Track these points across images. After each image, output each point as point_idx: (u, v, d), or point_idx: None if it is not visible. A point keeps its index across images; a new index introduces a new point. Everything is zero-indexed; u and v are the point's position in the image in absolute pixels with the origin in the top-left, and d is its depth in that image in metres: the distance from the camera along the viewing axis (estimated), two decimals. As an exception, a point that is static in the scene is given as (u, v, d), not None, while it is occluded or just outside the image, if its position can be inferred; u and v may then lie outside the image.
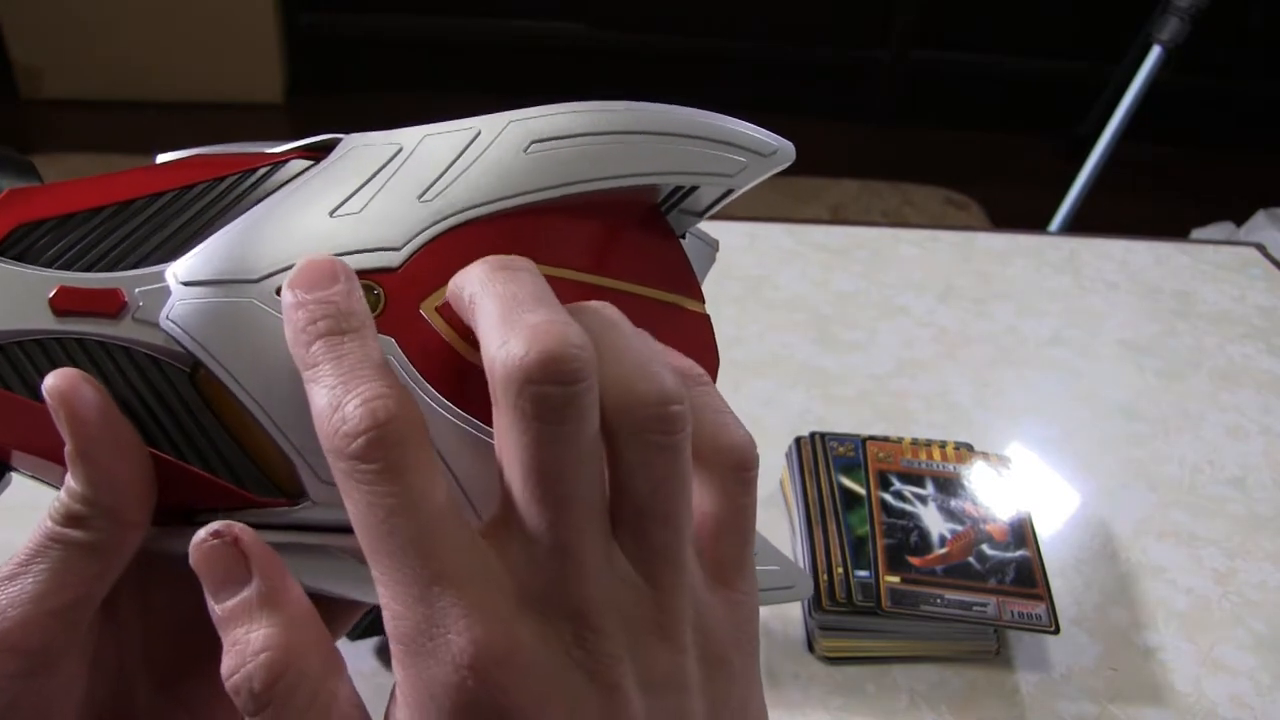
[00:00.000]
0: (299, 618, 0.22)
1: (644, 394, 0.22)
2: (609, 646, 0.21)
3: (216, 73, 2.51)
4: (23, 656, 0.24)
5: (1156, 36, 1.49)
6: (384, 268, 0.25)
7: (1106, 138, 1.51)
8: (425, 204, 0.26)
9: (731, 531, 0.24)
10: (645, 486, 0.22)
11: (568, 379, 0.20)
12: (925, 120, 2.69)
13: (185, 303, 0.24)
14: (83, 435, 0.24)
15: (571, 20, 2.61)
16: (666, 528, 0.22)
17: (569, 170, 0.26)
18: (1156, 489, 0.66)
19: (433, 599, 0.20)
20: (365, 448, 0.21)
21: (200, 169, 0.27)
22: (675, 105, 0.28)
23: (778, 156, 0.28)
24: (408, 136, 0.27)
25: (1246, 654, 0.55)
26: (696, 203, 0.29)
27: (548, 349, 0.20)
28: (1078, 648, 0.54)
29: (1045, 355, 0.77)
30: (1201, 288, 0.87)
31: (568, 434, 0.21)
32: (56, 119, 2.48)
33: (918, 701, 0.51)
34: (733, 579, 0.24)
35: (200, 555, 0.22)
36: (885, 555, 0.54)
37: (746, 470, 0.24)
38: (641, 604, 0.22)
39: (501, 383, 0.21)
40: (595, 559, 0.21)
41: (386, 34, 2.64)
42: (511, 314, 0.22)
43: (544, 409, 0.20)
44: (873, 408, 0.71)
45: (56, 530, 0.24)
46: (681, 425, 0.22)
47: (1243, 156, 2.58)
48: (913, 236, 0.91)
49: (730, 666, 0.23)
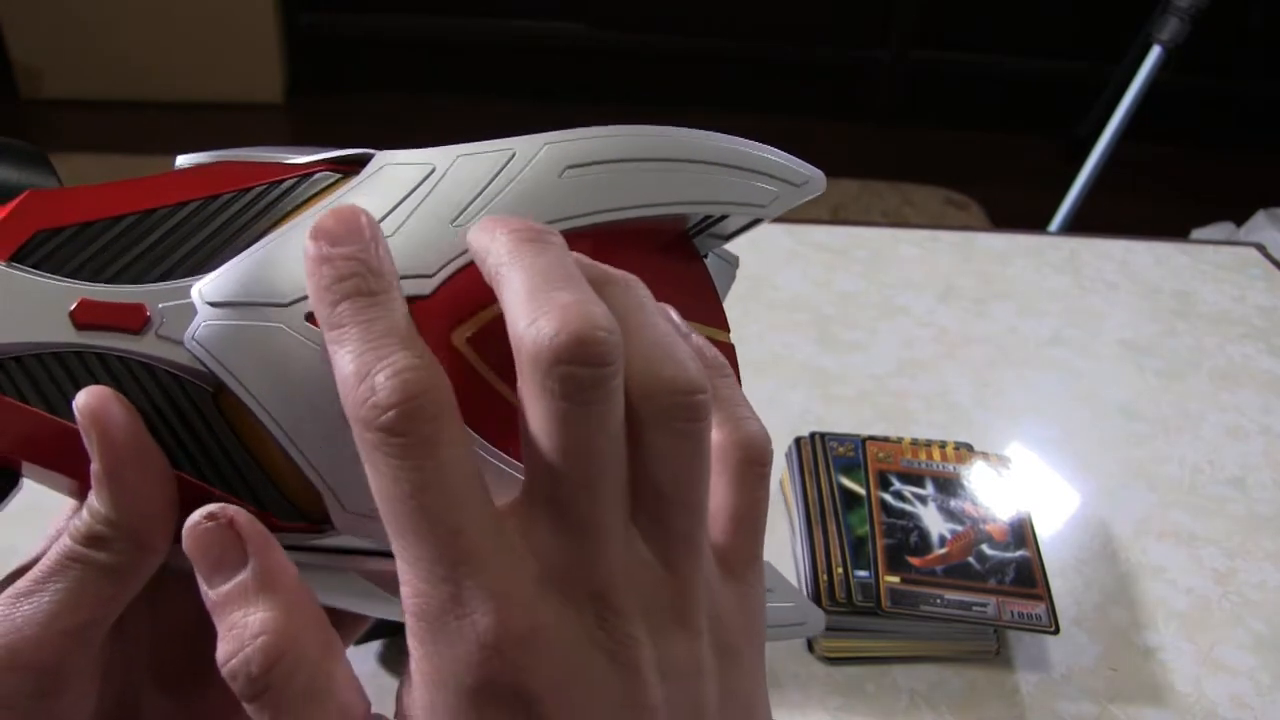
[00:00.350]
0: (296, 600, 0.22)
1: (669, 380, 0.21)
2: (630, 629, 0.21)
3: (216, 73, 2.51)
4: (36, 675, 0.24)
5: (1156, 36, 1.49)
6: (416, 295, 0.24)
7: (1106, 138, 1.51)
8: (458, 229, 0.25)
9: (744, 524, 0.24)
10: (667, 472, 0.22)
11: (597, 361, 0.20)
12: (925, 120, 2.69)
13: (211, 324, 0.24)
14: (111, 456, 0.23)
15: (571, 20, 2.61)
16: (686, 514, 0.22)
17: (604, 198, 0.26)
18: (1156, 489, 0.66)
19: (458, 578, 0.20)
20: (395, 421, 0.20)
21: (225, 178, 0.26)
22: (710, 131, 0.28)
23: (809, 186, 0.28)
24: (441, 157, 0.26)
25: (1246, 654, 0.55)
26: (724, 228, 0.29)
27: (578, 331, 0.20)
28: (1078, 648, 0.54)
29: (1045, 355, 0.77)
30: (1201, 288, 0.87)
31: (595, 415, 0.20)
32: (56, 119, 2.48)
33: (918, 701, 0.51)
34: (743, 571, 0.24)
35: (194, 538, 0.22)
36: (885, 555, 0.54)
37: (762, 465, 0.24)
38: (661, 588, 0.22)
39: (530, 361, 0.21)
40: (618, 540, 0.21)
41: (386, 34, 2.64)
42: (541, 291, 0.21)
43: (572, 389, 0.20)
44: (873, 408, 0.71)
45: (77, 550, 0.24)
46: (705, 413, 0.22)
47: (1243, 156, 2.58)
48: (913, 236, 0.91)
49: (741, 657, 0.23)
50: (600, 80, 2.62)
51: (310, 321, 0.24)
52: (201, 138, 2.50)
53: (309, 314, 0.24)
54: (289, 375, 0.23)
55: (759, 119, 2.56)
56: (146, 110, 2.49)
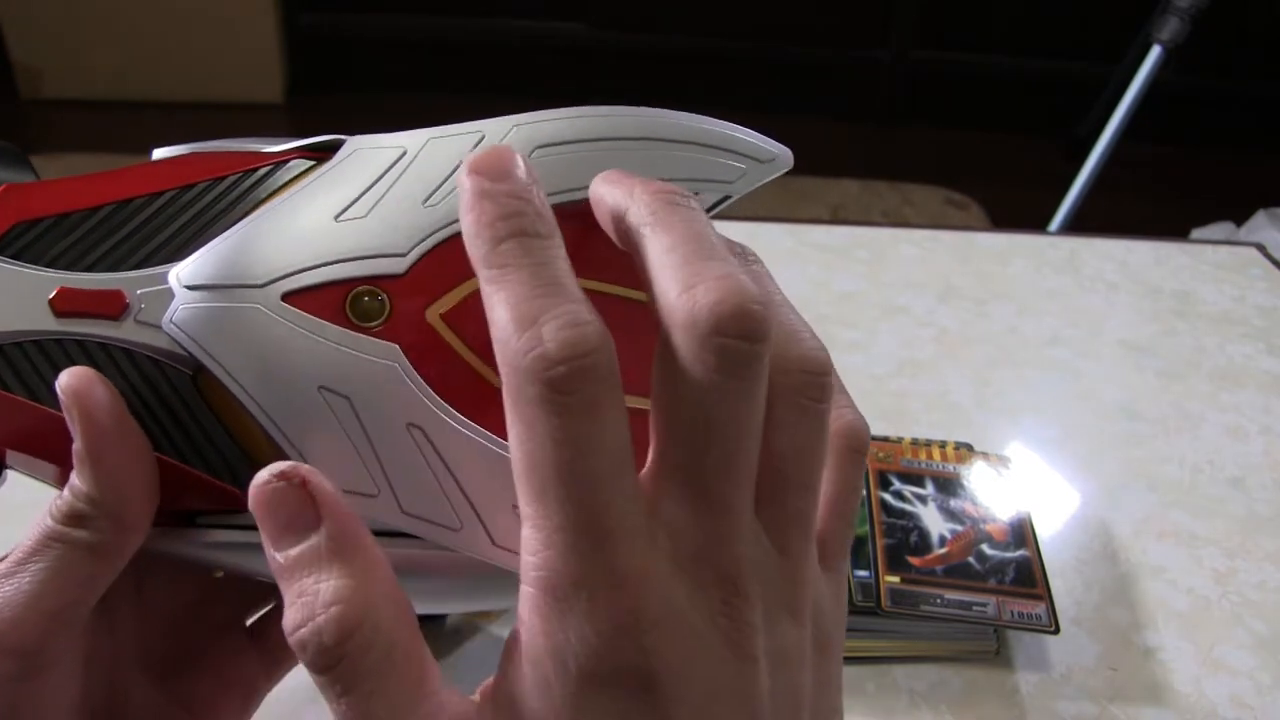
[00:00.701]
0: (372, 567, 0.21)
1: (803, 358, 0.22)
2: (751, 615, 0.20)
3: (216, 73, 2.51)
4: (18, 658, 0.24)
5: (1156, 36, 1.49)
6: (390, 274, 0.25)
7: (1106, 138, 1.51)
8: (430, 209, 0.25)
9: (842, 511, 0.24)
10: (790, 449, 0.21)
11: (755, 336, 0.20)
12: (925, 120, 2.69)
13: (188, 307, 0.24)
14: (93, 435, 0.23)
15: (571, 20, 2.61)
16: (804, 494, 0.22)
17: (572, 176, 0.26)
18: (1156, 489, 0.66)
19: (599, 555, 0.19)
20: (566, 377, 0.19)
21: (200, 167, 0.27)
22: (676, 110, 0.28)
23: (776, 163, 0.28)
24: (412, 140, 0.26)
25: (1246, 654, 0.55)
26: None
27: (739, 305, 0.19)
28: (1078, 648, 0.54)
29: (1045, 355, 0.77)
30: (1201, 288, 0.87)
31: (746, 390, 0.20)
32: (56, 119, 2.48)
33: (918, 701, 0.51)
34: (834, 560, 0.24)
35: (262, 498, 0.21)
36: (885, 555, 0.54)
37: (861, 452, 0.25)
38: (777, 575, 0.21)
39: (683, 328, 0.20)
40: (748, 520, 0.21)
41: (386, 34, 2.64)
42: (695, 259, 0.20)
43: (729, 362, 0.19)
44: (873, 408, 0.71)
45: (57, 529, 0.24)
46: (830, 395, 0.22)
47: (1243, 156, 2.58)
48: (913, 236, 0.91)
49: (832, 647, 0.23)
50: (600, 80, 2.62)
51: (286, 301, 0.24)
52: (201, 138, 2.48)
53: (285, 294, 0.24)
54: (265, 354, 0.24)
55: (759, 119, 2.54)
56: (146, 110, 2.49)
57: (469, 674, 0.49)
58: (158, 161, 0.27)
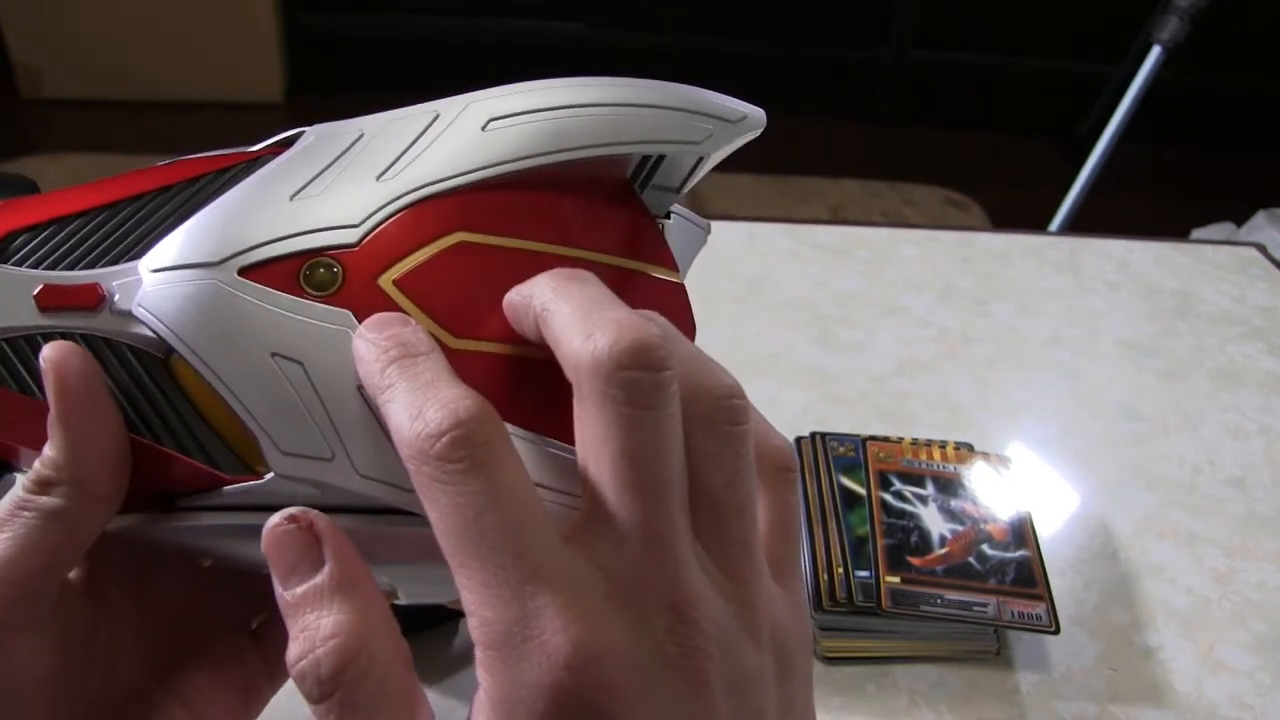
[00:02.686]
0: (370, 604, 0.22)
1: (714, 387, 0.22)
2: (701, 641, 0.21)
3: (216, 73, 2.51)
4: None
5: (1156, 36, 1.49)
6: (343, 244, 0.26)
7: (1106, 138, 1.51)
8: (384, 183, 0.26)
9: (783, 530, 0.25)
10: (720, 477, 0.22)
11: (658, 365, 0.21)
12: (925, 120, 2.69)
13: (154, 289, 0.25)
14: (65, 401, 0.24)
15: (571, 20, 2.61)
16: (742, 519, 0.22)
17: (528, 144, 0.27)
18: (1156, 489, 0.66)
19: (526, 599, 0.20)
20: (449, 446, 0.20)
21: (181, 170, 0.28)
22: (639, 78, 0.28)
23: (746, 123, 0.28)
24: (370, 123, 0.28)
25: (1246, 654, 0.55)
26: (670, 176, 0.29)
27: (636, 337, 0.21)
28: (1078, 648, 0.54)
29: (1045, 355, 0.77)
30: (1201, 288, 0.87)
31: (659, 419, 0.21)
32: (56, 119, 2.48)
33: (918, 701, 0.51)
34: (787, 578, 0.24)
35: (273, 539, 0.22)
36: (885, 555, 0.54)
37: (790, 470, 0.25)
38: (727, 598, 0.22)
39: (589, 373, 0.21)
40: (686, 548, 0.21)
41: (386, 34, 2.64)
42: (592, 312, 0.22)
43: (637, 394, 0.21)
44: (873, 408, 0.71)
45: (24, 496, 0.25)
46: (747, 417, 0.23)
47: (1243, 156, 2.58)
48: (913, 236, 0.91)
49: (796, 665, 0.23)
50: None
51: (243, 276, 0.25)
52: (201, 138, 2.50)
53: (241, 269, 0.25)
54: (224, 327, 0.25)
55: (759, 119, 2.55)
56: (146, 110, 2.49)
57: (470, 698, 0.49)
58: (145, 170, 0.28)
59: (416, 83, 2.62)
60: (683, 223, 0.31)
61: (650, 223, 0.29)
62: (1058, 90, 2.58)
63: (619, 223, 0.28)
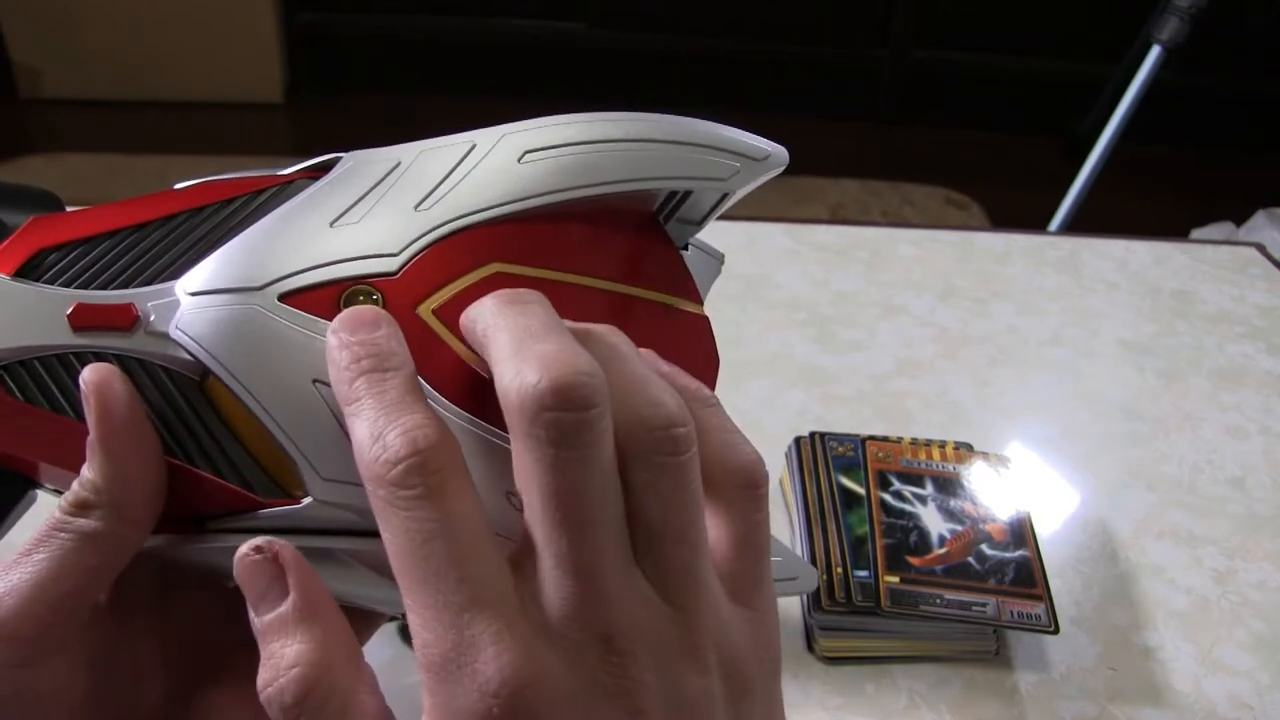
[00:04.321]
0: (332, 633, 0.23)
1: (650, 418, 0.22)
2: (635, 670, 0.21)
3: (216, 73, 2.51)
4: (17, 645, 0.24)
5: (1156, 36, 1.49)
6: (382, 273, 0.26)
7: (1106, 138, 1.51)
8: (422, 213, 0.26)
9: (746, 549, 0.24)
10: (658, 508, 0.22)
11: (581, 404, 0.21)
12: (925, 120, 2.69)
13: (192, 312, 0.25)
14: (106, 425, 0.24)
15: (571, 20, 2.61)
16: (683, 546, 0.22)
17: (563, 177, 0.27)
18: (1156, 489, 0.66)
19: (463, 625, 0.20)
20: (405, 474, 0.21)
21: (212, 193, 0.28)
22: (669, 114, 0.28)
23: (770, 161, 0.29)
24: (406, 152, 0.28)
25: (1246, 654, 0.55)
26: (693, 210, 0.30)
27: (560, 376, 0.21)
28: (1077, 648, 0.54)
29: (1045, 355, 0.77)
30: (1201, 288, 0.87)
31: (584, 458, 0.21)
32: (56, 119, 2.48)
33: (917, 701, 0.51)
34: (750, 597, 0.24)
35: (242, 569, 0.23)
36: (885, 555, 0.54)
37: (756, 488, 0.25)
38: (666, 625, 0.22)
39: (516, 411, 0.21)
40: (618, 581, 0.22)
41: (386, 34, 2.64)
42: (523, 344, 0.22)
43: (560, 434, 0.21)
44: (872, 407, 0.71)
45: (62, 518, 0.25)
46: (685, 447, 0.22)
47: (1243, 156, 2.58)
48: (912, 236, 0.91)
49: (753, 685, 0.23)
50: (600, 80, 2.62)
51: (283, 302, 0.25)
52: (201, 138, 2.50)
53: (282, 294, 0.25)
54: (263, 352, 0.25)
55: (759, 119, 2.54)
56: (146, 110, 2.49)
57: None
58: (175, 190, 0.29)
59: (416, 83, 2.63)
60: (699, 254, 0.31)
61: (677, 256, 0.29)
62: (1058, 90, 2.58)
63: (648, 256, 0.29)
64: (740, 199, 0.30)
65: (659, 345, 0.26)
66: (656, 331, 0.26)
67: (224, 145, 2.37)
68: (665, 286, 0.29)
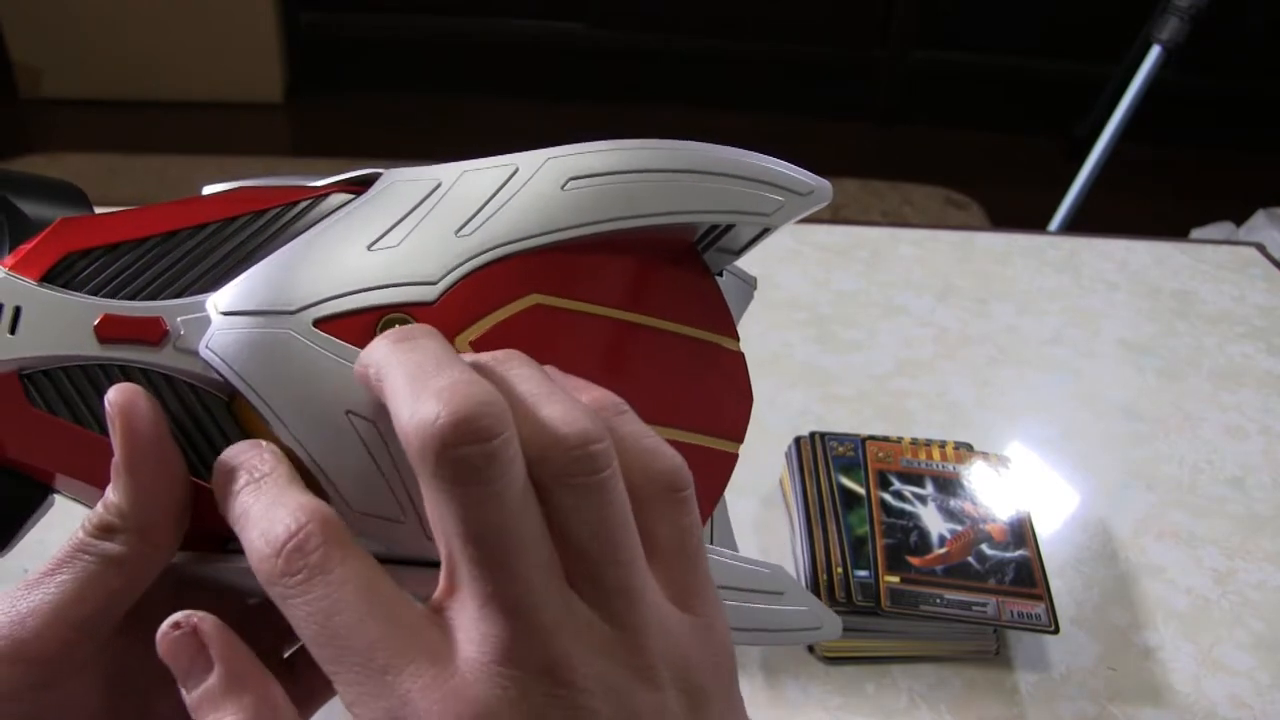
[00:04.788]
0: (260, 701, 0.22)
1: (563, 438, 0.21)
2: (584, 699, 0.20)
3: (216, 73, 2.51)
4: (39, 667, 0.24)
5: (1156, 36, 1.49)
6: (420, 302, 0.25)
7: (1106, 138, 1.51)
8: (463, 239, 0.26)
9: (679, 556, 0.24)
10: (584, 530, 0.21)
11: (484, 435, 0.20)
12: (925, 120, 2.69)
13: (224, 332, 0.25)
14: (131, 448, 0.24)
15: (571, 20, 2.61)
16: (616, 566, 0.22)
17: (606, 207, 0.26)
18: (1156, 489, 0.66)
19: (389, 689, 0.20)
20: (286, 562, 0.21)
21: (243, 202, 0.27)
22: (714, 144, 0.28)
23: (815, 196, 0.29)
24: (446, 172, 0.27)
25: (1246, 654, 0.55)
26: (733, 241, 0.29)
27: (459, 409, 0.20)
28: (1077, 648, 0.54)
29: (1045, 355, 0.77)
30: (1201, 288, 0.87)
31: (495, 493, 0.20)
32: (56, 119, 2.48)
33: (917, 701, 0.51)
34: (693, 604, 0.23)
35: (165, 647, 0.23)
36: (885, 555, 0.54)
37: (680, 490, 0.24)
38: (612, 648, 0.21)
39: (418, 453, 0.20)
40: (553, 611, 0.21)
41: (386, 34, 2.63)
42: (416, 381, 0.21)
43: (465, 471, 0.20)
44: (873, 407, 0.71)
45: (86, 540, 0.24)
46: (605, 463, 0.21)
47: (1243, 156, 2.58)
48: (913, 236, 0.91)
49: (709, 696, 0.23)
50: (600, 80, 2.62)
51: (318, 327, 0.25)
52: (201, 138, 2.50)
53: (316, 320, 0.25)
54: (297, 378, 0.24)
55: (759, 118, 2.55)
56: (146, 110, 2.49)
57: None
58: (204, 196, 0.28)
59: (417, 82, 2.63)
60: (733, 280, 0.31)
61: (716, 290, 0.29)
62: (1058, 90, 2.58)
63: (690, 291, 0.28)
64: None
65: (693, 382, 0.26)
66: (692, 368, 0.25)
67: (224, 145, 2.37)
68: (703, 322, 0.28)
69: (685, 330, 0.28)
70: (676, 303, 0.28)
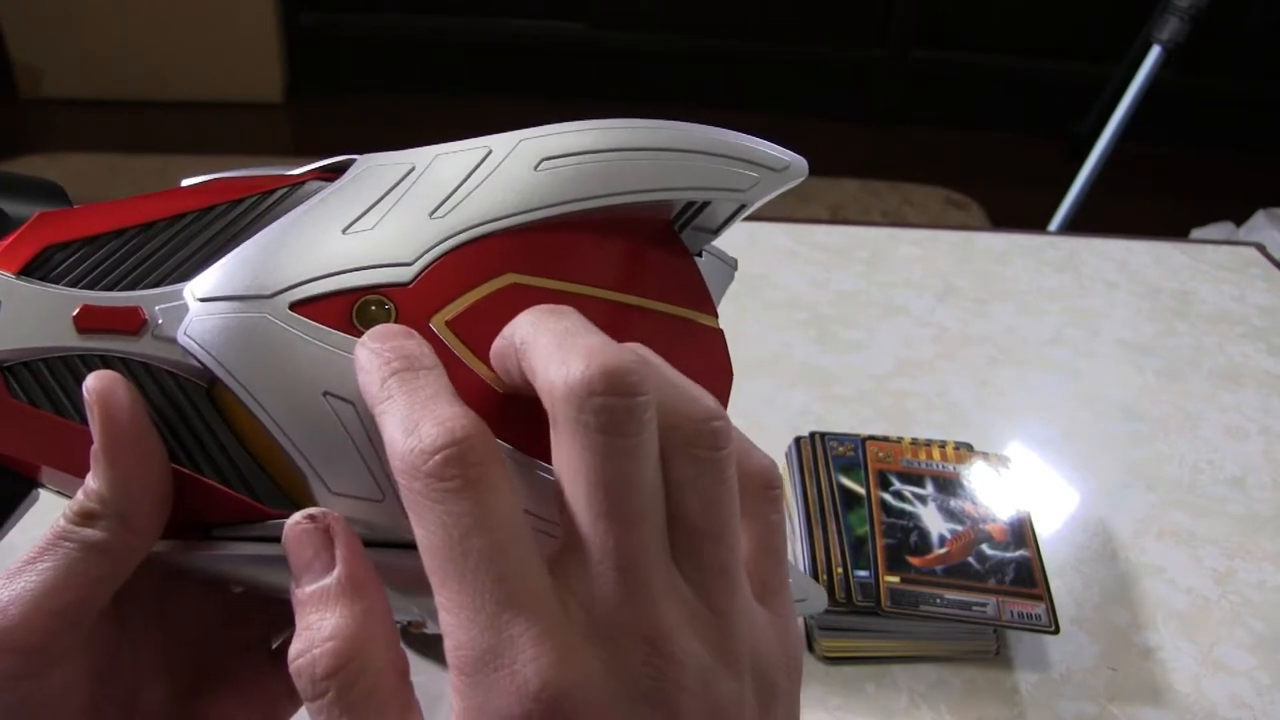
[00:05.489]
0: (373, 612, 0.22)
1: (691, 411, 0.22)
2: (675, 673, 0.21)
3: (216, 73, 2.51)
4: (22, 656, 0.24)
5: (1156, 36, 1.49)
6: (396, 283, 0.25)
7: (1106, 138, 1.51)
8: (437, 220, 0.26)
9: (767, 552, 0.24)
10: (697, 504, 0.22)
11: (631, 390, 0.20)
12: (925, 120, 2.69)
13: (201, 319, 0.25)
14: (111, 435, 0.24)
15: (571, 20, 2.61)
16: (721, 546, 0.22)
17: (580, 186, 0.27)
18: (1156, 489, 0.66)
19: (501, 626, 0.20)
20: (442, 464, 0.20)
21: (220, 192, 0.27)
22: (687, 122, 0.28)
23: (790, 171, 0.28)
24: (420, 156, 0.27)
25: (1246, 654, 0.55)
26: (710, 219, 0.29)
27: (609, 363, 0.21)
28: (1077, 648, 0.54)
29: (1045, 355, 0.77)
30: (1201, 288, 0.87)
31: (633, 446, 0.21)
32: (56, 119, 2.48)
33: (917, 701, 0.51)
34: (773, 601, 0.24)
35: (291, 536, 0.23)
36: (885, 555, 0.54)
37: (772, 488, 0.25)
38: (706, 628, 0.22)
39: (563, 401, 0.21)
40: (662, 579, 0.21)
41: (386, 34, 2.64)
42: (566, 342, 0.22)
43: (609, 421, 0.20)
44: (873, 407, 0.71)
45: (67, 528, 0.24)
46: (727, 440, 0.22)
47: (1243, 156, 2.58)
48: (912, 236, 0.91)
49: (779, 693, 0.23)
50: (600, 80, 2.62)
51: (294, 311, 0.25)
52: (201, 138, 2.50)
53: (293, 303, 0.25)
54: (275, 362, 0.24)
55: (759, 118, 2.55)
56: (146, 110, 2.49)
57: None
58: (182, 188, 0.28)
59: (416, 83, 2.63)
60: (713, 260, 0.31)
61: (694, 268, 0.29)
62: (1058, 90, 2.58)
63: (667, 269, 0.28)
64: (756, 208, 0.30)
65: (674, 359, 0.26)
66: (671, 345, 0.25)
67: (224, 145, 2.37)
68: (681, 299, 0.28)
69: (662, 307, 0.28)
70: (654, 280, 0.28)
